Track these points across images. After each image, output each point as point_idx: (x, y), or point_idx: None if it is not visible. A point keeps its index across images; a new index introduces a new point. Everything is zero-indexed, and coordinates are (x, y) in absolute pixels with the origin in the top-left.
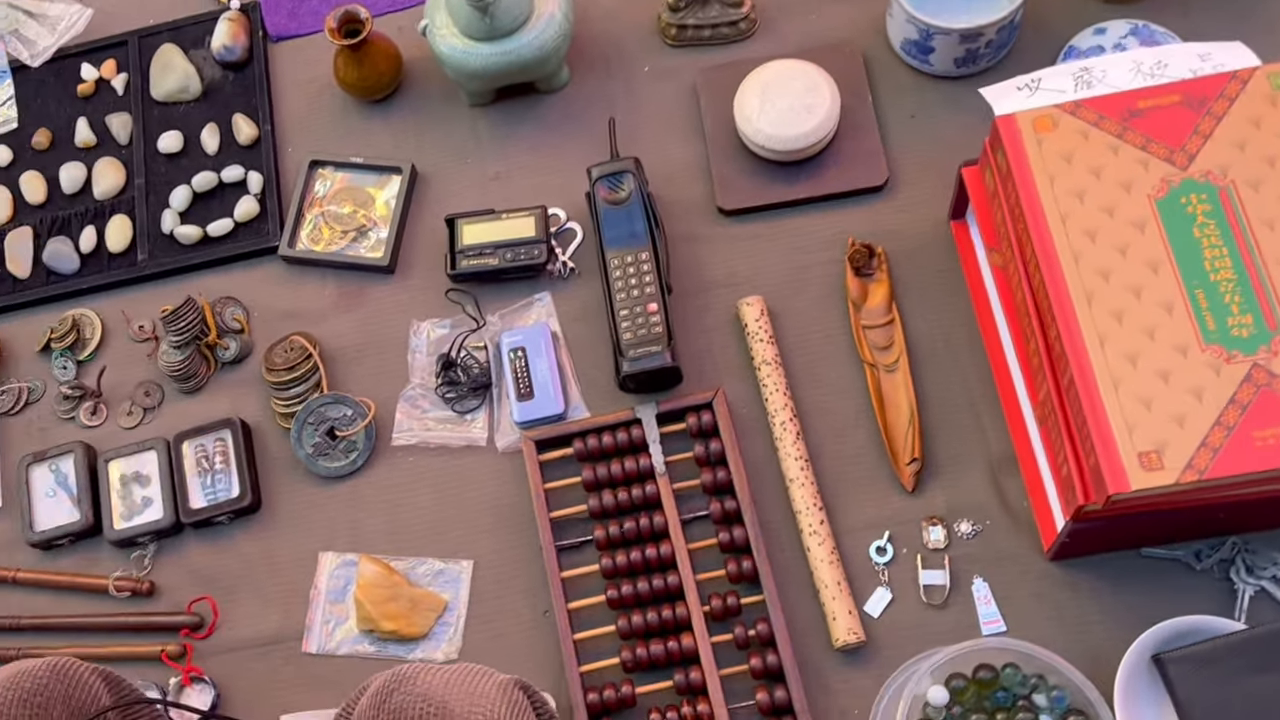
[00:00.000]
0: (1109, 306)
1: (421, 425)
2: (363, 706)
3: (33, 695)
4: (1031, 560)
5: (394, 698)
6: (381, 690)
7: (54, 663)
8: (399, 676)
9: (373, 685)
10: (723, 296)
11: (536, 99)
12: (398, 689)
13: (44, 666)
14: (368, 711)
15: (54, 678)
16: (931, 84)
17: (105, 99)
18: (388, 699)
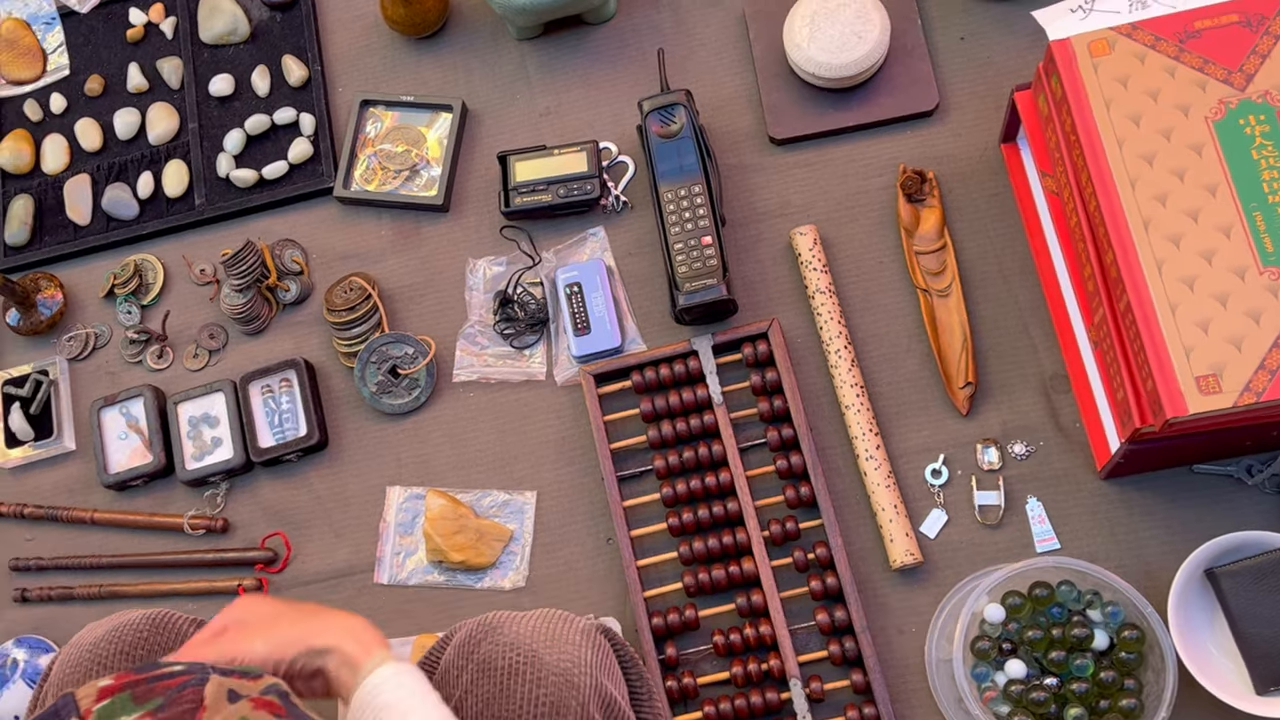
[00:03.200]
0: (1166, 231)
1: (481, 361)
2: (449, 657)
3: (134, 648)
4: (1084, 479)
5: (482, 647)
6: (468, 640)
7: (153, 614)
8: (485, 626)
9: (458, 635)
10: (775, 226)
11: (584, 31)
12: (485, 639)
13: (143, 619)
14: (456, 662)
15: (154, 630)
16: (980, 6)
17: (155, 43)
18: (476, 649)
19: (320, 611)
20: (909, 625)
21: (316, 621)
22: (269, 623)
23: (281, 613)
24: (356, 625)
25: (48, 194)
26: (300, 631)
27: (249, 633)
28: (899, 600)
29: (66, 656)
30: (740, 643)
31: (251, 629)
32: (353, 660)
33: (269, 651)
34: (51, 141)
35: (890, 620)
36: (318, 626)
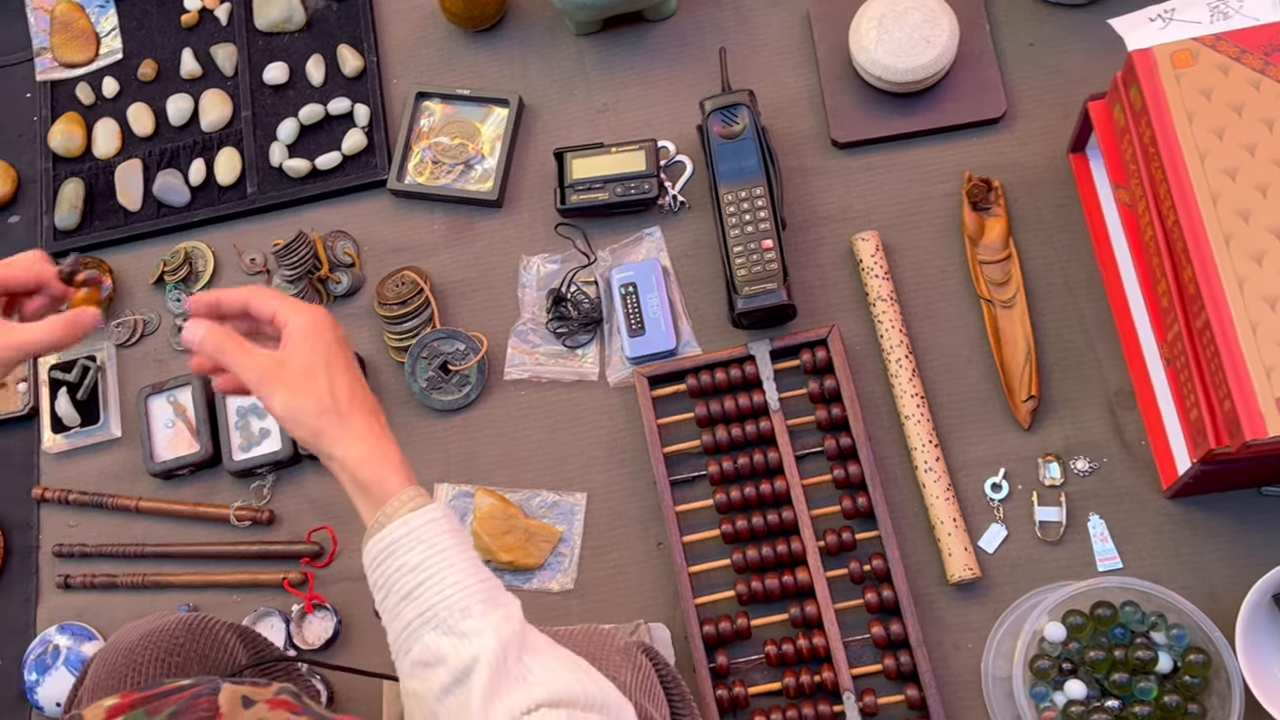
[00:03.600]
0: (1248, 248)
1: (533, 360)
2: None
3: (170, 654)
4: (1149, 498)
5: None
6: None
7: (189, 619)
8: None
9: None
10: (836, 231)
11: (644, 28)
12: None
13: (179, 624)
14: None
15: (190, 636)
16: (1051, 12)
17: (209, 29)
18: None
19: (354, 415)
20: (965, 641)
21: (344, 428)
22: (301, 382)
23: (316, 378)
24: (388, 451)
25: (98, 178)
26: (322, 425)
27: (276, 382)
28: (955, 615)
29: (103, 660)
30: (793, 653)
31: (282, 378)
32: (368, 487)
33: (282, 416)
34: (103, 125)
35: (946, 635)
36: (343, 433)
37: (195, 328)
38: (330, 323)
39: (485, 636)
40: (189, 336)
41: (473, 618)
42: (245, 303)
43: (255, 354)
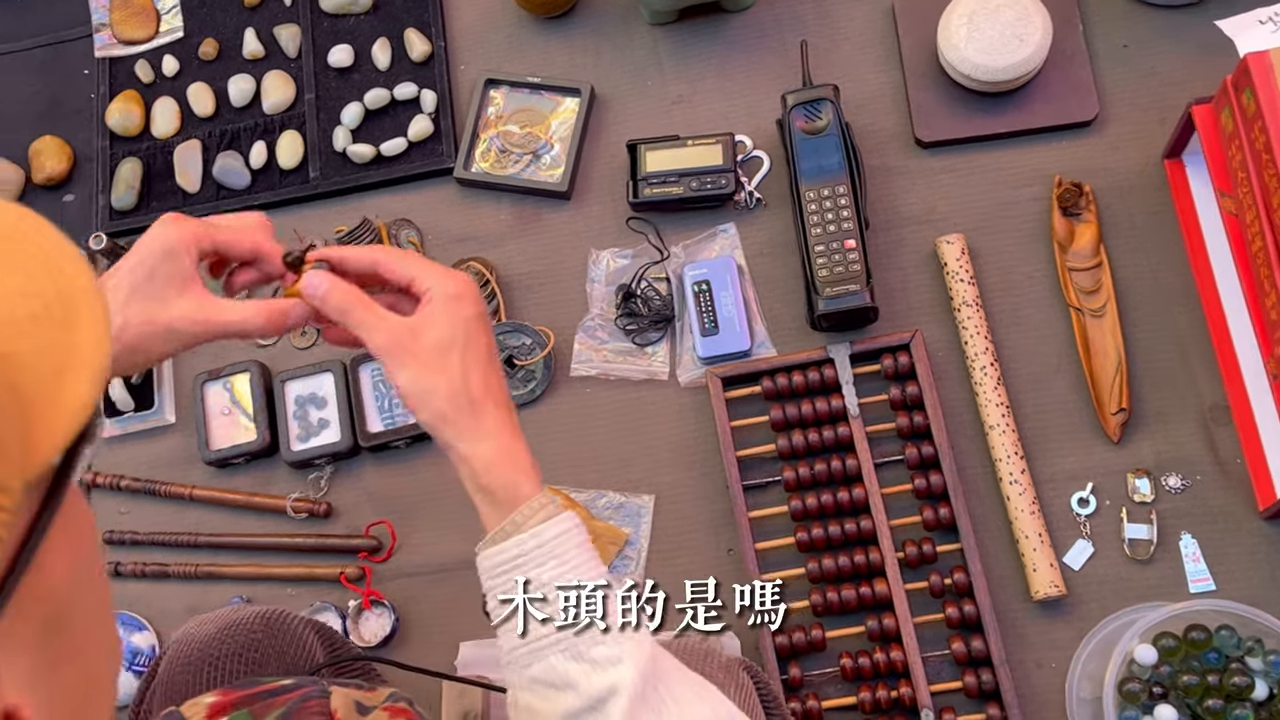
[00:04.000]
0: None
1: (600, 356)
2: None
3: (247, 649)
4: (1244, 518)
5: None
6: None
7: (265, 612)
8: None
9: None
10: (919, 233)
11: (721, 19)
12: None
13: (256, 617)
14: None
15: (267, 631)
16: (1146, 12)
17: (273, 9)
18: None
19: (486, 406)
20: (1049, 660)
21: (474, 419)
22: (434, 359)
23: (450, 357)
24: (519, 452)
25: (156, 158)
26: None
27: (406, 353)
28: (1038, 633)
29: (177, 654)
30: (869, 667)
31: (413, 350)
32: (493, 490)
33: (405, 393)
34: (162, 104)
35: (1028, 654)
36: (471, 426)
37: (319, 280)
38: (475, 295)
39: (623, 666)
40: (312, 287)
41: (604, 644)
42: (374, 263)
43: (386, 317)
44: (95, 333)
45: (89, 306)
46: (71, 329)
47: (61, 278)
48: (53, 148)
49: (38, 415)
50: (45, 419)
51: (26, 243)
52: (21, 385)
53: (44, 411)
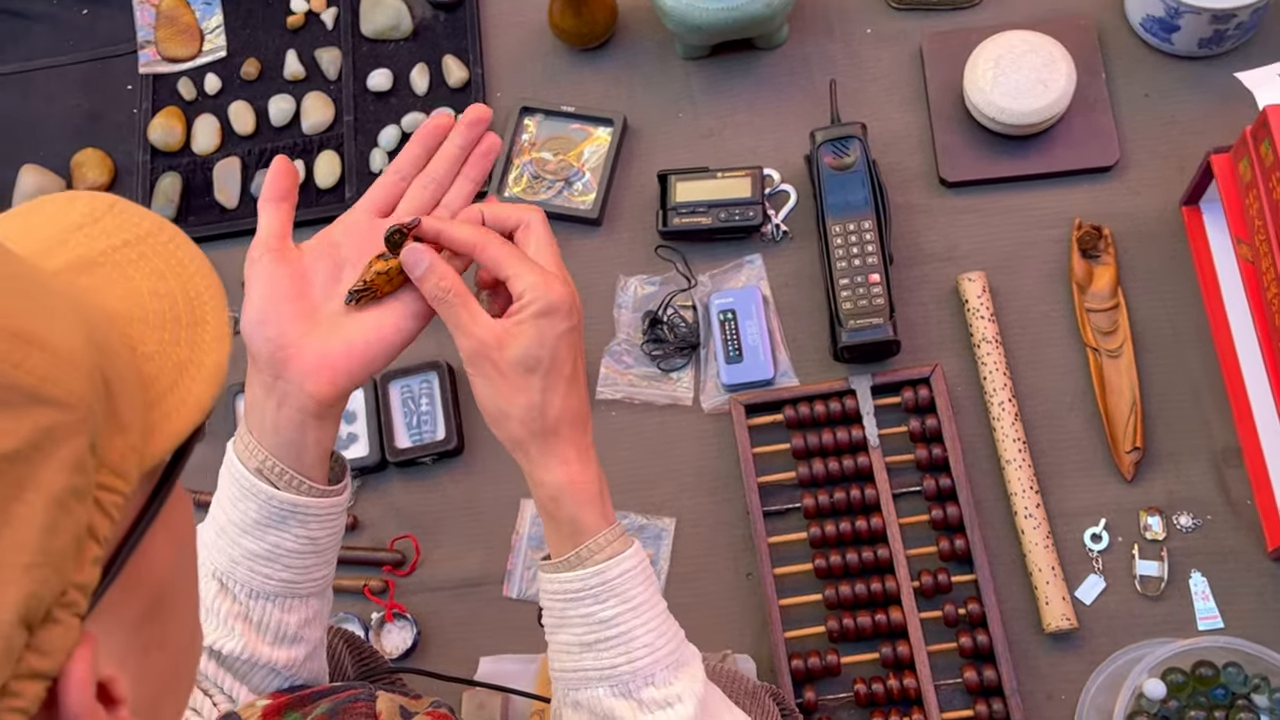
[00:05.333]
0: None
1: (626, 380)
2: None
3: None
4: (1254, 558)
5: None
6: None
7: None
8: None
9: None
10: (941, 270)
11: (753, 55)
12: None
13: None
14: None
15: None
16: (1167, 62)
17: (314, 32)
18: None
19: (561, 432)
20: (1059, 692)
21: (546, 447)
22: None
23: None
24: (588, 481)
25: (196, 174)
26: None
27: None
28: (1049, 665)
29: None
30: (883, 694)
31: (495, 362)
32: (559, 521)
33: (481, 406)
34: (203, 121)
35: (1039, 685)
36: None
37: (420, 257)
38: (569, 308)
39: (673, 711)
40: (411, 261)
41: (654, 686)
42: (477, 250)
43: (478, 320)
44: (217, 334)
45: (214, 311)
46: (196, 329)
47: (190, 283)
48: (94, 160)
49: (159, 407)
50: (165, 411)
51: (161, 249)
52: (147, 375)
53: (165, 404)
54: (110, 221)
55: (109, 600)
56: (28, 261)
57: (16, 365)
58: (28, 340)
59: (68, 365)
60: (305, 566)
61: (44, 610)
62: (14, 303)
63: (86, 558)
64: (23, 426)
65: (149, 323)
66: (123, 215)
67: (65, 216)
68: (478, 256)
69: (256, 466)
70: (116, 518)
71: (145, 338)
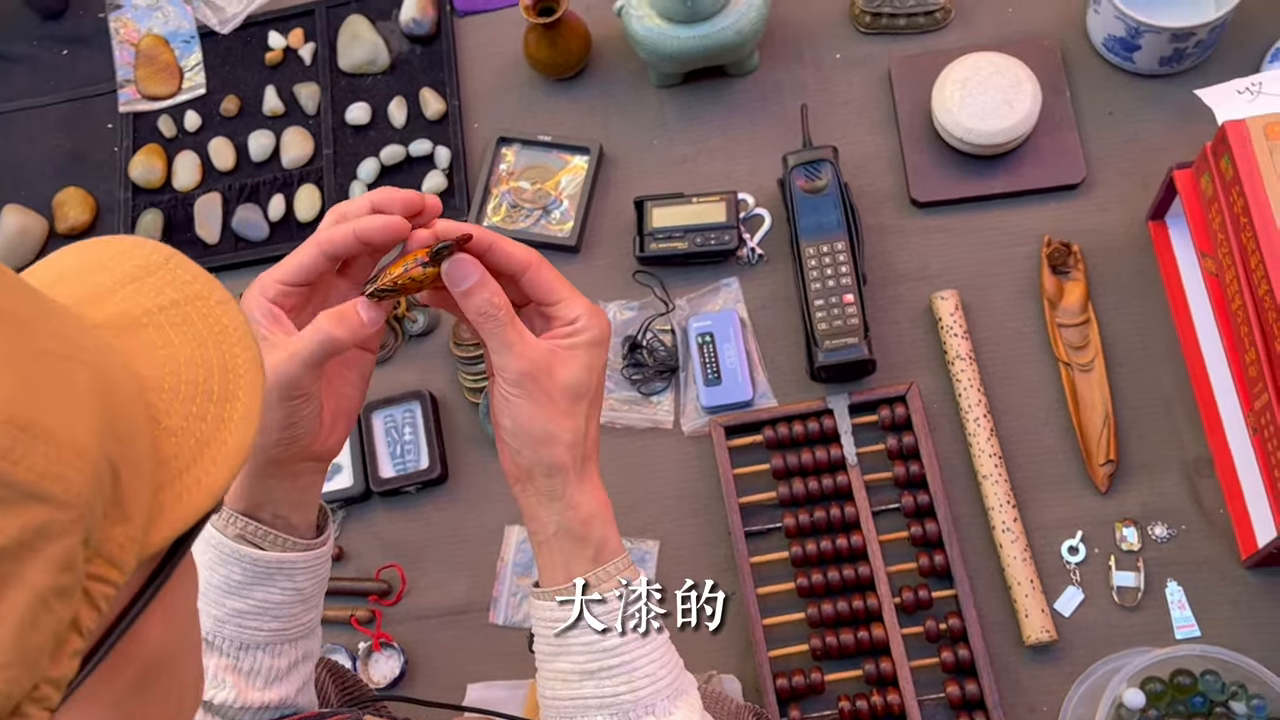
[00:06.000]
0: None
1: (607, 405)
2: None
3: None
4: (1228, 566)
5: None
6: None
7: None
8: None
9: None
10: (914, 289)
11: (725, 82)
12: None
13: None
14: None
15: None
16: (1130, 81)
17: (293, 68)
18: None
19: (594, 459)
20: (1041, 704)
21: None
22: (564, 404)
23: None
24: (608, 505)
25: (177, 210)
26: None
27: (538, 389)
28: (1030, 677)
29: None
30: (867, 710)
31: (546, 388)
32: (586, 542)
33: (519, 429)
34: (184, 158)
35: (1021, 698)
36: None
37: (469, 270)
38: (609, 341)
39: None
40: (459, 274)
41: (654, 716)
42: (530, 269)
43: (527, 340)
44: (246, 412)
45: (248, 386)
46: (226, 404)
47: (229, 353)
48: (76, 199)
49: (171, 488)
50: (177, 493)
51: (208, 313)
52: (165, 453)
53: (177, 486)
54: (163, 277)
55: (88, 687)
56: (69, 315)
57: (17, 461)
58: (34, 433)
59: (73, 460)
60: (293, 615)
61: (10, 707)
62: (28, 390)
63: (65, 652)
64: (12, 525)
65: (179, 394)
66: (176, 271)
67: (121, 264)
68: (526, 276)
69: (238, 534)
70: (105, 609)
71: (172, 410)
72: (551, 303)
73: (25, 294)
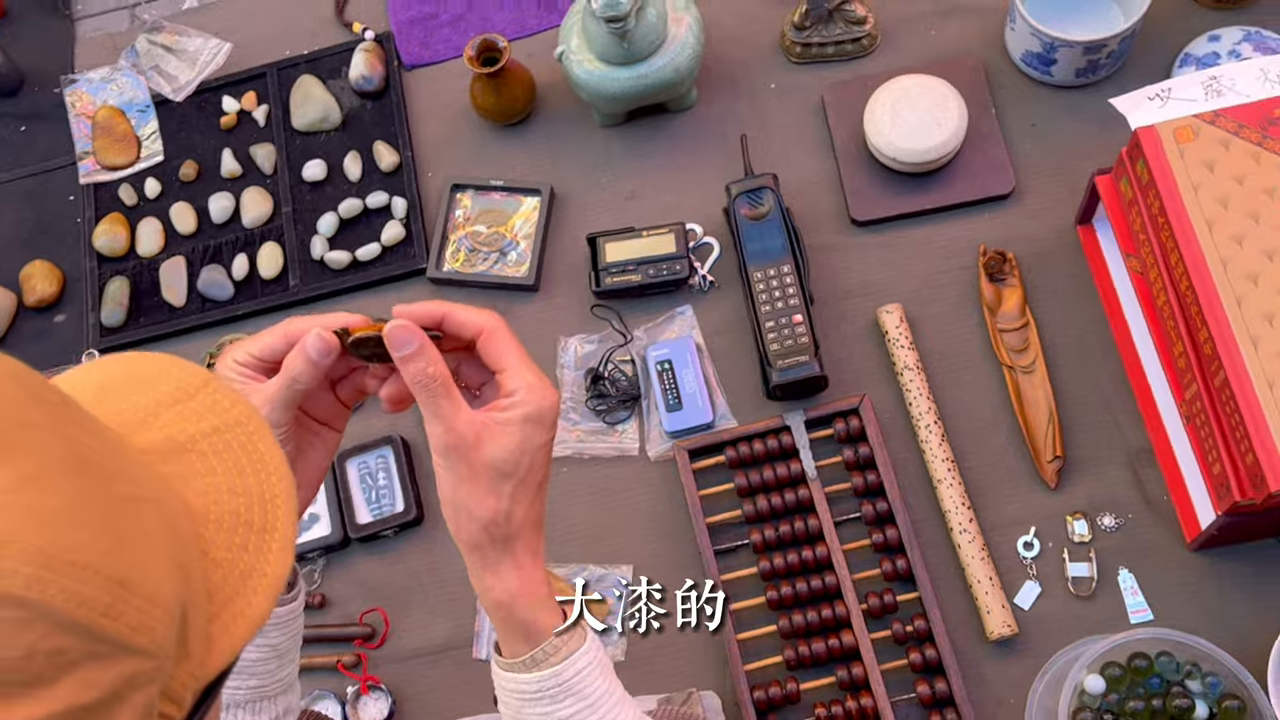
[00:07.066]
0: (1260, 309)
1: (574, 437)
2: None
3: None
4: (1174, 550)
5: None
6: None
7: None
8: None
9: None
10: (859, 305)
11: (666, 118)
12: None
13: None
14: None
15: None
16: (1050, 93)
17: (248, 130)
18: None
19: (521, 538)
20: (1008, 696)
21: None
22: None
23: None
24: (539, 583)
25: (143, 276)
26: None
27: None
28: (995, 672)
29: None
30: (842, 715)
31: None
32: (511, 625)
33: (443, 500)
34: (147, 225)
35: (988, 692)
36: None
37: (410, 339)
38: (554, 418)
39: None
40: (400, 339)
41: None
42: (485, 334)
43: (461, 412)
44: (283, 542)
45: (285, 516)
46: (266, 534)
47: (267, 482)
48: (42, 271)
49: (218, 619)
50: (224, 625)
51: (247, 441)
52: (213, 584)
53: (224, 617)
54: (202, 402)
55: None
56: (129, 448)
57: (116, 617)
58: (129, 588)
59: (158, 611)
60: (269, 671)
61: None
62: (120, 543)
63: None
64: (107, 677)
65: (223, 524)
66: (214, 397)
67: (159, 385)
68: (479, 342)
69: None
70: None
71: (216, 541)
72: (497, 371)
73: (101, 434)
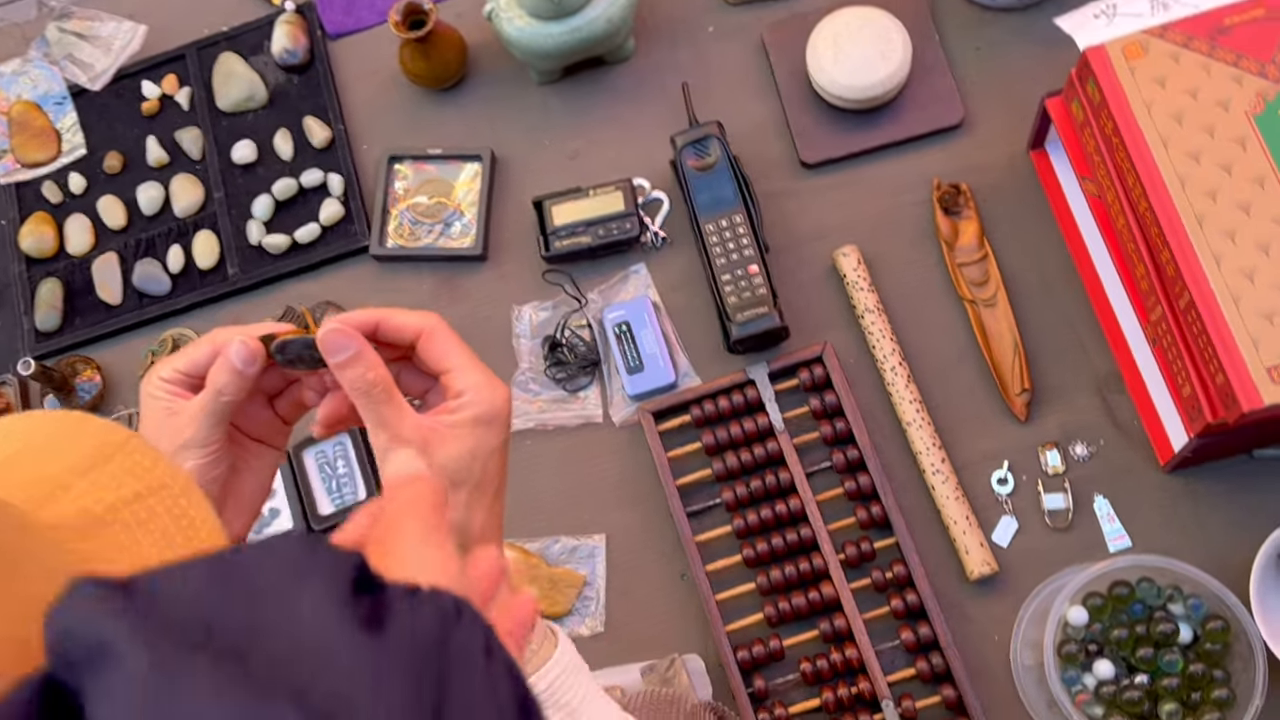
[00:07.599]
0: (1220, 226)
1: (536, 408)
2: None
3: None
4: (1148, 474)
5: None
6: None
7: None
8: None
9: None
10: (815, 249)
11: (604, 71)
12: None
13: None
14: None
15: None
16: (993, 17)
17: (171, 115)
18: None
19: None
20: (992, 633)
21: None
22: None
23: (458, 493)
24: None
25: (75, 275)
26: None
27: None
28: (979, 610)
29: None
30: (828, 668)
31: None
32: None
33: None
34: (74, 222)
35: (973, 631)
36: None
37: (346, 344)
38: (506, 418)
39: None
40: (336, 345)
41: None
42: (425, 335)
43: (406, 418)
44: None
45: None
46: None
47: (199, 550)
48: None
49: None
50: None
51: (173, 505)
52: None
53: None
54: (120, 464)
55: None
56: (38, 528)
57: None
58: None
59: None
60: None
61: None
62: (23, 646)
63: None
64: None
65: None
66: (134, 457)
67: (72, 449)
68: (424, 344)
69: None
70: None
71: None
72: (441, 373)
73: (6, 517)
